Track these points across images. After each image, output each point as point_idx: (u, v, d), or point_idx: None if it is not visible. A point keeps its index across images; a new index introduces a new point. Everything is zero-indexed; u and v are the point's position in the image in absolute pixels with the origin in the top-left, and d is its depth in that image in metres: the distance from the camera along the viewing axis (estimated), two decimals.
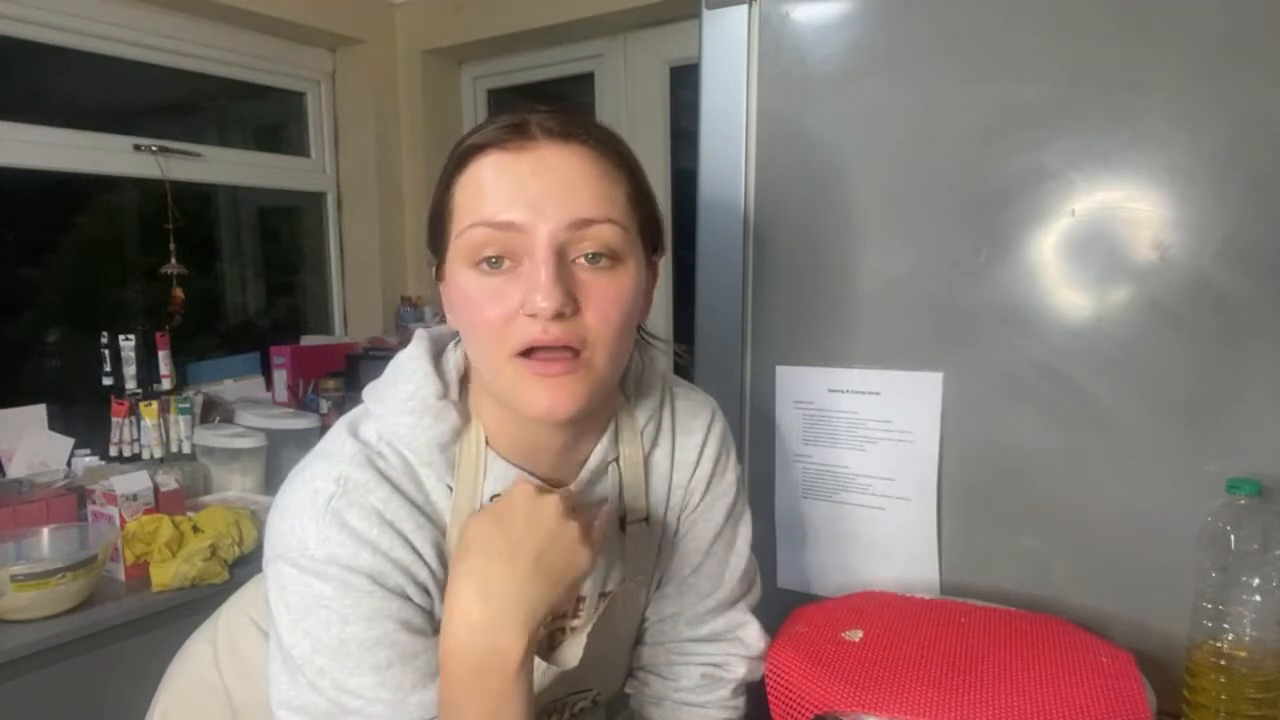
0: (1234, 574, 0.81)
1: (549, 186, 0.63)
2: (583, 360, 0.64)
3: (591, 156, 0.65)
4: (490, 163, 0.65)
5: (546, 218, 0.62)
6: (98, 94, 2.22)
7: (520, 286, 0.63)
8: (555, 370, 0.63)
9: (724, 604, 0.87)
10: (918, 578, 1.04)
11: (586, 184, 0.64)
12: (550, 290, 0.61)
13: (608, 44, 2.51)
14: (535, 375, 0.64)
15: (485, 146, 0.65)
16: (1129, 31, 0.89)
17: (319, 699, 0.65)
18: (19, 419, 1.94)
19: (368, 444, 0.69)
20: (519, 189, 0.63)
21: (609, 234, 0.64)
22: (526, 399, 0.65)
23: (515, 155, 0.64)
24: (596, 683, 0.83)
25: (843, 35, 1.04)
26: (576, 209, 0.63)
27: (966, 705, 0.74)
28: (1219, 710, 0.82)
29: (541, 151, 0.64)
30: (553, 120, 0.65)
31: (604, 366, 0.66)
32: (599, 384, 0.66)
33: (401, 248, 2.81)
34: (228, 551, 1.64)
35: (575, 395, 0.64)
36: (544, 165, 0.63)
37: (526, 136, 0.64)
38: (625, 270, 0.66)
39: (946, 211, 0.99)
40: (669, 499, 0.83)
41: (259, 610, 0.87)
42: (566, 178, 0.64)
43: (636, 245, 0.68)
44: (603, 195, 0.65)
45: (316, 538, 0.65)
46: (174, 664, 0.94)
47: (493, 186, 0.64)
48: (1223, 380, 0.88)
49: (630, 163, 0.69)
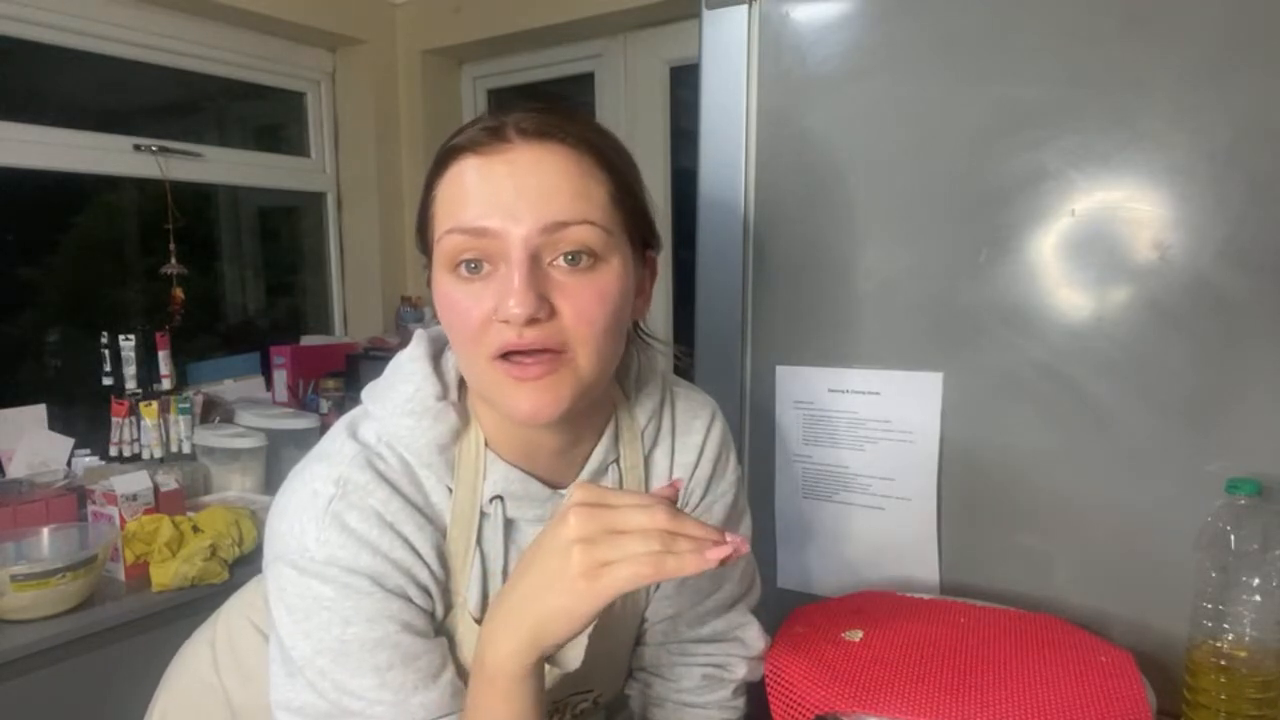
0: (1234, 574, 0.81)
1: (523, 190, 0.62)
2: (564, 360, 0.64)
3: (569, 156, 0.64)
4: (467, 166, 0.64)
5: (521, 222, 0.62)
6: (98, 94, 2.22)
7: (496, 291, 0.62)
8: (534, 373, 0.63)
9: (724, 605, 0.87)
10: (918, 578, 1.04)
11: (562, 185, 0.63)
12: (523, 296, 0.60)
13: (608, 44, 2.51)
14: (515, 379, 0.63)
15: (463, 149, 0.64)
16: (1129, 31, 0.89)
17: (319, 700, 0.65)
18: (19, 419, 1.94)
19: (367, 445, 0.69)
20: (494, 194, 0.62)
21: (586, 235, 0.63)
22: (509, 403, 0.64)
23: (490, 159, 0.63)
24: (598, 683, 0.83)
25: (843, 35, 1.04)
26: (551, 212, 0.62)
27: (966, 705, 0.74)
28: (1219, 710, 0.82)
29: (516, 153, 0.63)
30: (530, 120, 0.64)
31: (589, 366, 0.65)
32: (584, 384, 0.65)
33: (401, 248, 2.81)
34: (228, 551, 1.64)
35: (559, 397, 0.64)
36: (518, 168, 0.63)
37: (502, 139, 0.63)
38: (608, 268, 0.65)
39: (946, 211, 0.99)
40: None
41: (258, 612, 0.87)
42: (541, 180, 0.63)
43: (622, 243, 0.67)
44: (579, 196, 0.63)
45: (316, 539, 0.65)
46: (172, 665, 0.94)
47: (468, 191, 0.63)
48: (1223, 380, 0.88)
49: (612, 160, 0.67)
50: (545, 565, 0.59)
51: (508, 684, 0.61)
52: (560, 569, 0.57)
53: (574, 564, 0.57)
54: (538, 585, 0.59)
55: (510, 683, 0.61)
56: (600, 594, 0.57)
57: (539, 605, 0.59)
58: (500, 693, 0.61)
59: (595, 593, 0.57)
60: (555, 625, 0.59)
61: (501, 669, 0.61)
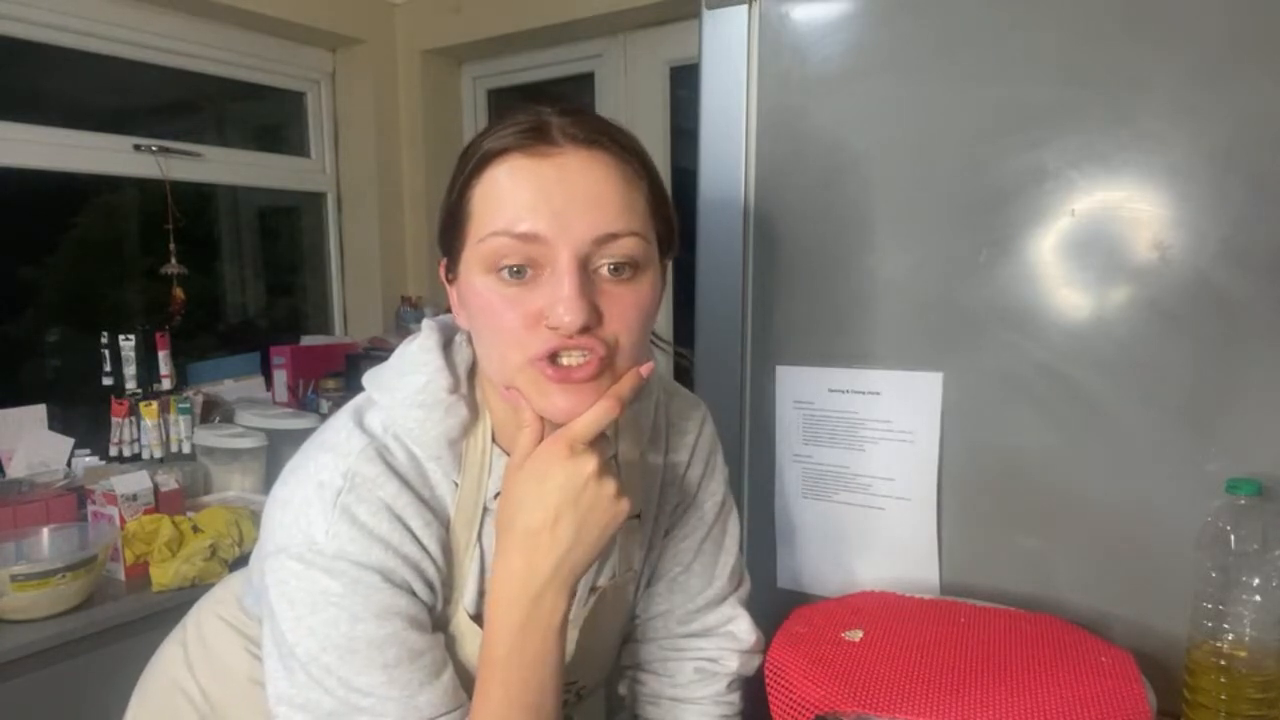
0: (1234, 574, 0.81)
1: (573, 197, 0.61)
2: (604, 365, 0.64)
3: (615, 164, 0.64)
4: (511, 168, 0.63)
5: (571, 231, 0.61)
6: (98, 94, 2.22)
7: (541, 295, 0.62)
8: (579, 375, 0.63)
9: (714, 601, 0.88)
10: (918, 578, 1.04)
11: (612, 195, 0.63)
12: (574, 304, 0.60)
13: (608, 44, 2.51)
14: (555, 380, 0.63)
15: (507, 150, 0.63)
16: (1129, 31, 0.89)
17: (325, 697, 0.64)
18: (19, 419, 1.94)
19: (374, 436, 0.68)
20: (542, 198, 0.61)
21: (632, 246, 0.63)
22: (545, 402, 0.64)
23: (537, 161, 0.62)
24: (581, 675, 0.83)
25: (843, 35, 1.04)
26: (603, 223, 0.62)
27: (966, 705, 0.74)
28: (1219, 710, 0.82)
29: (565, 158, 0.62)
30: (577, 125, 0.63)
31: (625, 371, 0.66)
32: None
33: (401, 248, 2.81)
34: (228, 551, 1.64)
35: (598, 399, 0.64)
36: (568, 173, 0.62)
37: (549, 141, 0.62)
38: (645, 278, 0.65)
39: (946, 211, 0.99)
40: (660, 496, 0.83)
41: (230, 610, 0.86)
42: (591, 188, 0.62)
43: (655, 252, 0.67)
44: (627, 206, 0.63)
45: (325, 532, 0.64)
46: (145, 672, 0.92)
47: (514, 193, 0.62)
48: (1223, 380, 0.88)
49: (650, 166, 0.68)
50: (581, 513, 0.64)
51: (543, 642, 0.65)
52: (596, 497, 0.64)
53: (608, 488, 0.65)
54: (579, 524, 0.64)
55: (546, 641, 0.65)
56: (631, 496, 0.68)
57: (586, 543, 0.65)
58: (534, 654, 0.65)
59: (630, 498, 0.67)
60: (605, 547, 0.68)
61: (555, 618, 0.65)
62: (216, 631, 0.86)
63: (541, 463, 0.65)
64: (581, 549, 0.65)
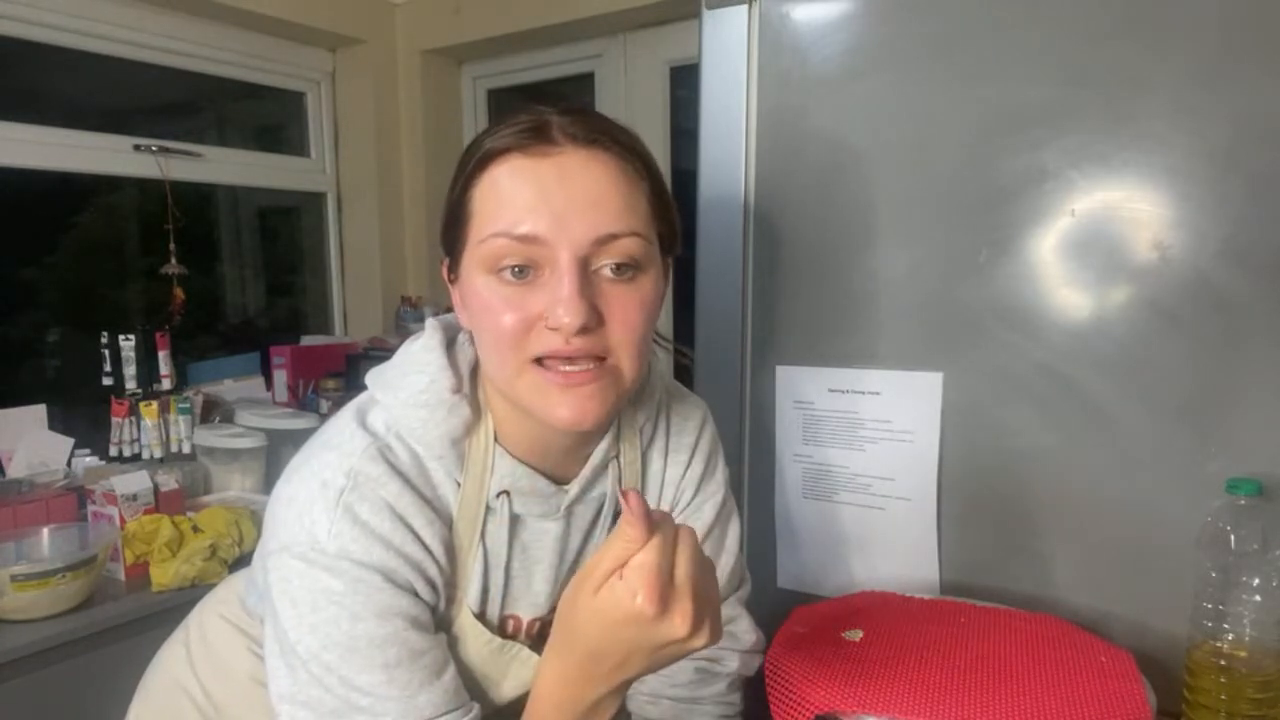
0: (1234, 574, 0.81)
1: (573, 198, 0.61)
2: (607, 368, 0.64)
3: (616, 163, 0.64)
4: (512, 168, 0.63)
5: (571, 231, 0.61)
6: (98, 94, 2.22)
7: (541, 296, 0.62)
8: (579, 380, 0.63)
9: None
10: (918, 578, 1.04)
11: (612, 195, 0.62)
12: (575, 305, 0.60)
13: (608, 44, 2.51)
14: (558, 386, 0.63)
15: (507, 150, 0.63)
16: (1129, 31, 0.89)
17: (327, 695, 0.64)
18: (19, 419, 1.94)
19: (377, 435, 0.68)
20: (542, 199, 0.61)
21: (633, 246, 0.63)
22: (548, 409, 0.64)
23: (537, 161, 0.62)
24: None
25: (843, 35, 1.04)
26: (603, 223, 0.62)
27: (966, 705, 0.74)
28: (1219, 710, 0.82)
29: (565, 158, 0.62)
30: (577, 125, 0.63)
31: (629, 373, 0.65)
32: (624, 391, 0.66)
33: (401, 248, 2.81)
34: (228, 551, 1.64)
35: (603, 403, 0.64)
36: (568, 173, 0.62)
37: (549, 141, 0.62)
38: (647, 278, 0.65)
39: (946, 211, 0.99)
40: (661, 496, 0.83)
41: (233, 610, 0.86)
42: (591, 189, 0.62)
43: (657, 251, 0.67)
44: (627, 207, 0.63)
45: (328, 532, 0.64)
46: (148, 672, 0.92)
47: (514, 194, 0.62)
48: (1223, 380, 0.88)
49: (651, 165, 0.67)
50: (656, 656, 0.59)
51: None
52: (678, 652, 0.59)
53: (699, 641, 0.59)
54: (649, 665, 0.60)
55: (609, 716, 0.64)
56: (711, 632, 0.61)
57: (651, 668, 0.61)
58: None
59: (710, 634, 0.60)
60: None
61: (606, 716, 0.64)
62: (219, 631, 0.87)
63: (620, 612, 0.57)
64: (643, 671, 0.61)
